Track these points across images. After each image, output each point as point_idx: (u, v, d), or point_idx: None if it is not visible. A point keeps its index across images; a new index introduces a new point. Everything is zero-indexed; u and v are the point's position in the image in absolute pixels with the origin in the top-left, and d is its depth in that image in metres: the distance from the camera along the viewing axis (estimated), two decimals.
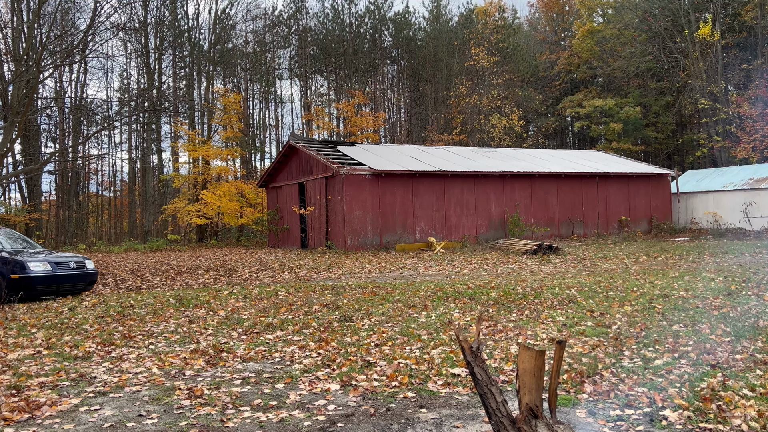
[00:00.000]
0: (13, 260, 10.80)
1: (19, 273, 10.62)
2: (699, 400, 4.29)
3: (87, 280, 11.74)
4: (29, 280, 10.68)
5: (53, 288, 11.10)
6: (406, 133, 47.00)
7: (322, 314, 8.36)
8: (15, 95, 18.41)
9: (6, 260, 10.87)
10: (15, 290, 10.58)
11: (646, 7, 38.87)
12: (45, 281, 10.87)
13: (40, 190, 32.74)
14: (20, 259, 10.78)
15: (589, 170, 25.27)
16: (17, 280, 10.56)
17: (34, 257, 11.08)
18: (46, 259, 11.10)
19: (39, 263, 10.89)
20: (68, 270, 11.32)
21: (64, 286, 11.29)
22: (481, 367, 3.22)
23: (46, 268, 10.92)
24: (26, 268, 10.68)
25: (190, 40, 38.22)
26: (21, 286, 10.55)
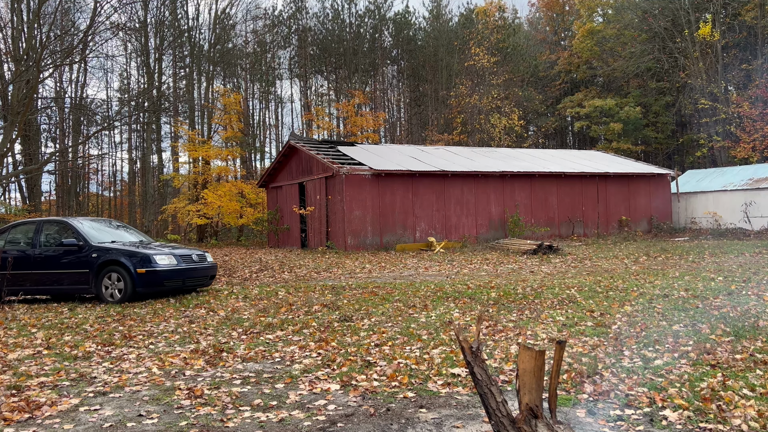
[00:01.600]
0: (140, 253, 10.06)
1: (145, 267, 9.88)
2: (699, 400, 4.29)
3: (209, 274, 11.07)
4: (156, 275, 9.94)
5: (179, 283, 10.38)
6: (406, 133, 47.00)
7: (322, 314, 8.36)
8: (15, 95, 18.41)
9: (132, 253, 10.13)
10: (141, 285, 9.90)
11: (646, 7, 38.86)
12: (171, 275, 10.15)
13: (40, 190, 32.73)
14: (146, 252, 10.09)
15: (589, 170, 25.26)
16: (144, 274, 9.84)
17: (158, 250, 10.41)
18: (171, 252, 10.37)
19: (164, 256, 10.15)
20: (192, 263, 10.59)
21: (189, 280, 10.60)
22: (481, 367, 3.22)
23: (172, 261, 10.17)
24: (153, 262, 9.92)
25: (190, 40, 38.22)
26: (147, 280, 9.88)
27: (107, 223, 12.21)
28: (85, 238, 10.35)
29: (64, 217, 11.28)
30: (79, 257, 10.24)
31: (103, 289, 10.06)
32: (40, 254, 10.60)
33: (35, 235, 10.81)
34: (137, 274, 9.81)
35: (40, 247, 10.70)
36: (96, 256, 10.10)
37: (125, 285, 9.89)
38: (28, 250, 10.73)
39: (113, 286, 10.00)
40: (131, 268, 9.85)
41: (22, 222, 11.54)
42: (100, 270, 10.06)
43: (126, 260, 9.92)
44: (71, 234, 10.54)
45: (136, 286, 9.85)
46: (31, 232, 10.95)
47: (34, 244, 10.76)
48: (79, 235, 10.41)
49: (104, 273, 10.04)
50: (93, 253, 10.14)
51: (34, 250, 10.70)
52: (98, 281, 10.06)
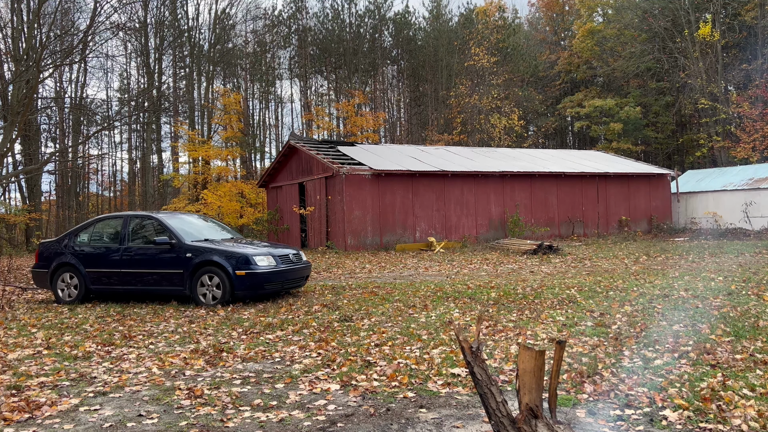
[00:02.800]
0: (238, 253, 9.26)
1: (245, 268, 9.10)
2: (699, 400, 4.28)
3: (305, 275, 10.32)
4: (256, 277, 9.17)
5: (278, 286, 9.61)
6: (406, 133, 46.99)
7: (322, 314, 8.36)
8: (15, 95, 18.41)
9: (229, 253, 9.29)
10: (241, 288, 9.15)
11: (646, 7, 38.86)
12: (271, 278, 9.35)
13: (40, 190, 32.73)
14: (245, 252, 9.31)
15: (589, 170, 25.26)
16: (243, 277, 9.08)
17: (256, 249, 9.63)
18: (270, 252, 9.58)
19: (263, 256, 9.37)
20: (291, 264, 9.82)
21: (288, 282, 9.81)
22: (481, 367, 3.22)
23: (271, 262, 9.39)
24: (252, 263, 9.14)
25: (190, 40, 38.22)
26: (247, 283, 9.14)
27: (190, 216, 11.34)
28: (178, 236, 9.69)
29: (152, 212, 10.57)
30: (173, 256, 9.57)
31: (199, 291, 9.41)
32: (129, 251, 9.94)
33: (122, 231, 10.16)
34: (236, 276, 9.10)
35: (128, 244, 10.02)
36: (191, 256, 9.42)
37: (223, 288, 9.20)
38: (114, 247, 10.09)
39: (210, 288, 9.34)
40: (230, 270, 9.12)
41: (106, 216, 10.97)
42: (195, 271, 9.39)
43: (224, 261, 9.19)
44: (162, 231, 9.88)
45: (235, 289, 9.17)
46: (118, 227, 10.32)
47: (121, 240, 10.09)
48: (172, 233, 9.75)
49: (200, 274, 9.37)
50: (187, 253, 9.47)
51: (120, 246, 10.03)
52: (193, 283, 9.41)
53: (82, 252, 10.31)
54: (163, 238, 9.66)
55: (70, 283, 10.30)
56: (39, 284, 10.81)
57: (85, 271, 10.14)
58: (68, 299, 10.26)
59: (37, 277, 10.78)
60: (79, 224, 10.76)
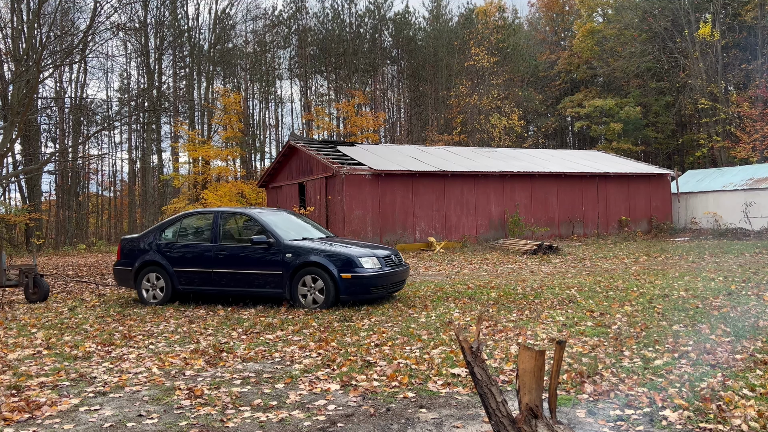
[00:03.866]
0: (342, 255, 8.64)
1: (350, 271, 8.48)
2: (699, 400, 4.28)
3: (405, 278, 9.63)
4: (362, 280, 8.52)
5: (383, 290, 8.91)
6: (406, 133, 47.00)
7: (322, 314, 8.36)
8: (15, 95, 18.41)
9: (333, 254, 8.66)
10: (346, 292, 8.52)
11: (646, 7, 38.87)
12: (377, 281, 8.68)
13: (40, 190, 32.74)
14: (349, 253, 8.68)
15: (589, 170, 25.26)
16: (349, 280, 8.46)
17: (359, 250, 8.98)
18: (374, 253, 8.90)
19: (368, 258, 8.72)
20: (394, 266, 9.11)
21: (392, 286, 9.14)
22: (481, 367, 3.22)
23: (375, 264, 8.73)
24: (358, 265, 8.52)
25: (190, 40, 38.22)
26: (353, 287, 8.50)
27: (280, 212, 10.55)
28: (276, 235, 9.07)
29: (245, 209, 9.89)
30: (271, 256, 8.95)
31: (299, 293, 8.82)
32: (222, 250, 9.29)
33: (213, 228, 9.51)
34: (341, 279, 8.47)
35: (220, 242, 9.39)
36: (291, 257, 8.81)
37: (327, 291, 8.57)
38: (205, 245, 9.46)
39: (312, 290, 8.73)
40: (335, 272, 8.49)
41: (194, 212, 10.27)
42: (295, 272, 8.79)
43: (328, 262, 8.56)
44: (258, 229, 9.29)
45: (339, 293, 8.54)
46: (208, 224, 9.72)
47: (212, 238, 9.47)
48: (269, 231, 9.13)
49: (300, 275, 8.77)
50: (287, 253, 8.85)
51: (212, 245, 9.40)
52: (293, 285, 8.81)
53: (170, 250, 9.65)
54: (260, 236, 9.04)
55: (155, 283, 9.74)
56: (121, 283, 10.34)
57: (173, 270, 9.54)
58: (153, 300, 9.71)
59: (119, 275, 10.25)
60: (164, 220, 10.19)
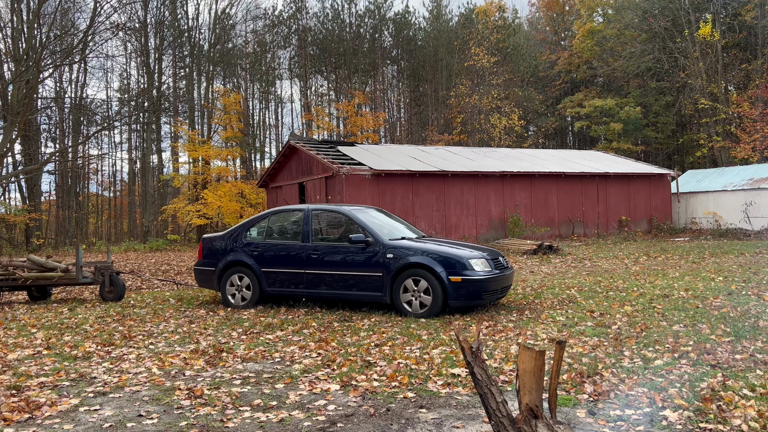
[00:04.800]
0: (450, 256, 7.89)
1: (461, 274, 7.73)
2: (699, 400, 4.28)
3: (512, 282, 8.79)
4: (474, 285, 7.76)
5: (493, 296, 8.17)
6: (406, 133, 47.01)
7: (322, 314, 8.36)
8: (15, 95, 18.41)
9: (440, 256, 7.92)
10: (456, 297, 7.75)
11: (646, 7, 38.87)
12: (489, 285, 7.90)
13: (40, 190, 32.75)
14: (458, 254, 7.93)
15: (589, 170, 25.26)
16: (459, 284, 7.71)
17: (468, 251, 8.19)
18: (483, 255, 8.14)
19: (478, 259, 7.98)
20: (503, 268, 8.35)
21: (502, 292, 8.37)
22: (481, 368, 3.22)
23: (486, 266, 7.98)
24: (469, 268, 7.77)
25: (190, 40, 38.22)
26: (464, 292, 7.74)
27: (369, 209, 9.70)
28: (374, 234, 8.40)
29: (337, 206, 9.33)
30: (370, 257, 8.30)
31: (402, 298, 8.06)
32: (315, 250, 8.66)
33: (304, 226, 8.90)
34: (450, 282, 7.71)
35: (313, 241, 8.78)
36: (392, 258, 8.12)
37: (434, 295, 7.79)
38: (296, 244, 8.86)
39: (416, 295, 7.97)
40: (443, 275, 7.74)
41: (282, 209, 9.61)
42: (398, 274, 8.07)
43: (435, 264, 7.83)
44: (353, 227, 8.65)
45: (448, 298, 7.75)
46: (298, 222, 9.07)
47: (304, 236, 8.84)
48: (367, 230, 8.47)
49: (402, 278, 8.04)
50: (388, 253, 8.17)
51: (304, 244, 8.79)
52: (395, 288, 8.08)
53: (257, 249, 9.05)
54: (358, 235, 8.37)
55: (240, 284, 9.16)
56: (203, 284, 9.76)
57: (261, 270, 8.94)
58: (240, 303, 9.12)
59: (201, 276, 9.69)
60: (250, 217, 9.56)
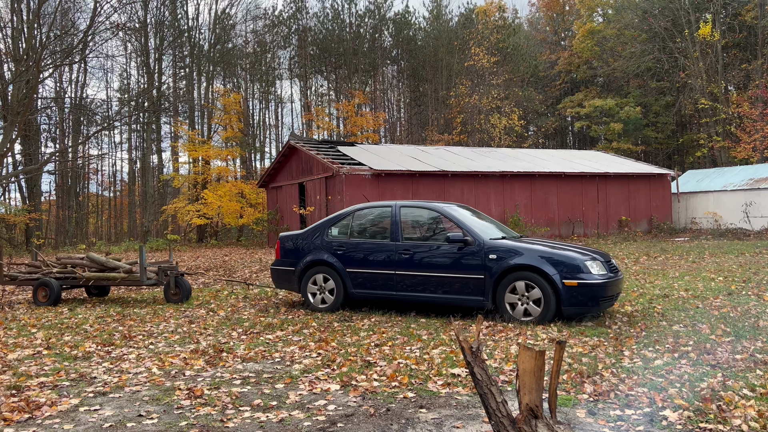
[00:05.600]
0: (564, 257, 7.16)
1: (576, 277, 7.01)
2: (699, 400, 4.28)
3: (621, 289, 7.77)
4: (591, 290, 7.00)
5: (609, 302, 7.34)
6: (406, 133, 47.02)
7: (322, 314, 8.36)
8: (15, 95, 18.42)
9: (552, 256, 7.20)
10: (571, 303, 7.00)
11: (646, 7, 38.88)
12: (607, 290, 7.14)
13: (40, 190, 32.74)
14: (572, 256, 7.19)
15: (589, 170, 25.27)
16: (575, 288, 6.99)
17: (584, 254, 7.37)
18: (595, 257, 7.37)
19: (592, 261, 7.22)
20: (616, 272, 7.53)
21: (615, 297, 7.52)
22: (481, 368, 3.22)
23: (601, 269, 7.21)
24: (585, 271, 7.04)
25: (190, 40, 38.23)
26: (580, 297, 6.99)
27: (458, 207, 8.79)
28: (473, 233, 7.70)
29: (428, 202, 8.59)
30: (469, 258, 7.60)
31: (507, 303, 7.35)
32: (406, 250, 7.98)
33: (393, 224, 8.24)
34: (564, 287, 6.99)
35: (404, 240, 8.11)
36: (495, 258, 7.43)
37: (546, 301, 7.07)
38: (385, 243, 8.19)
39: (524, 300, 7.23)
40: (556, 279, 7.02)
41: (368, 206, 8.89)
42: (501, 277, 7.38)
43: (546, 266, 7.10)
44: (448, 225, 8.00)
45: (562, 304, 7.01)
46: (386, 219, 8.40)
47: (393, 235, 8.17)
48: (465, 228, 7.77)
49: (507, 282, 7.33)
50: (490, 254, 7.47)
51: (394, 243, 8.11)
52: (499, 292, 7.38)
53: (341, 248, 8.47)
54: (456, 234, 7.70)
55: (324, 286, 8.57)
56: (281, 285, 9.23)
57: (346, 271, 8.36)
58: (322, 305, 8.57)
59: (279, 276, 9.14)
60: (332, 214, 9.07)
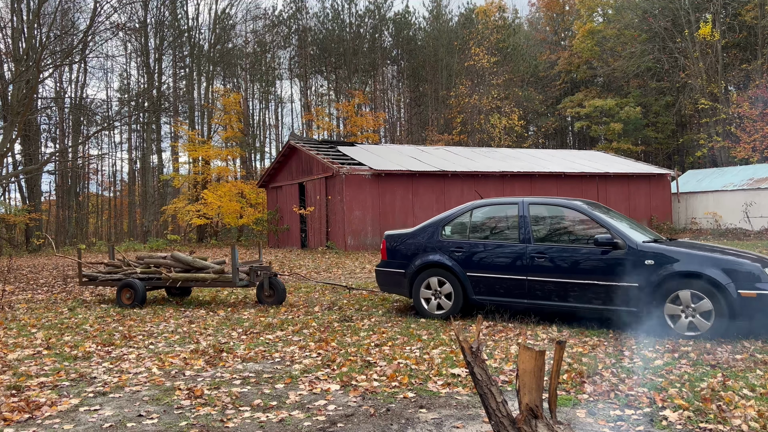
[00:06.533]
0: (739, 265, 6.25)
1: (754, 287, 6.10)
2: (699, 400, 4.29)
3: None
4: None
5: None
6: (406, 133, 47.02)
7: (322, 314, 8.36)
8: (15, 95, 18.41)
9: (727, 265, 6.29)
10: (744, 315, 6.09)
11: (646, 7, 38.87)
12: None
13: (40, 190, 32.73)
14: (749, 263, 6.27)
15: (589, 170, 25.27)
16: (753, 300, 6.07)
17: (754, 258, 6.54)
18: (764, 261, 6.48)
19: None
20: None
21: None
22: (481, 368, 3.22)
23: None
24: (764, 279, 6.14)
25: (190, 40, 38.23)
26: (756, 309, 6.06)
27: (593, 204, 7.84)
28: (622, 234, 6.84)
29: (563, 199, 7.76)
30: (619, 263, 6.72)
31: (668, 315, 6.45)
32: (540, 253, 7.16)
33: (522, 223, 7.41)
34: (740, 298, 6.10)
35: (535, 242, 7.27)
36: (653, 264, 6.53)
37: (717, 313, 6.17)
38: (513, 245, 7.38)
39: (691, 312, 6.34)
40: (730, 288, 6.12)
41: (488, 202, 8.10)
42: (660, 286, 6.47)
43: (717, 274, 6.20)
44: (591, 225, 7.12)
45: (735, 317, 6.11)
46: (512, 218, 7.59)
47: (523, 235, 7.35)
48: (611, 229, 6.91)
49: (666, 290, 6.46)
50: (646, 259, 6.59)
51: (523, 244, 7.30)
52: (657, 303, 6.49)
53: (460, 249, 7.68)
54: (604, 236, 6.83)
55: (439, 290, 7.77)
56: (387, 288, 8.48)
57: (466, 275, 7.56)
58: (437, 312, 7.77)
59: (385, 278, 8.39)
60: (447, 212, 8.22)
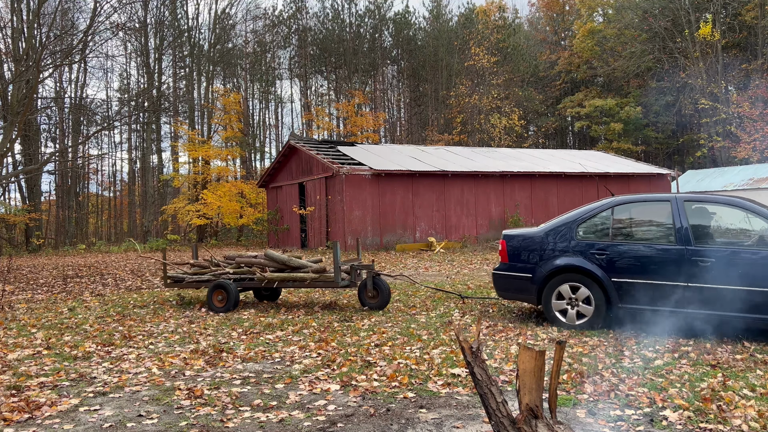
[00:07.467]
0: None
1: None
2: (699, 400, 4.28)
3: None
4: None
5: None
6: (406, 133, 47.03)
7: (322, 314, 8.36)
8: (15, 95, 18.41)
9: None
10: None
11: (647, 6, 38.88)
12: None
13: (40, 190, 32.76)
14: None
15: (590, 170, 25.27)
16: None
17: None
18: None
19: None
20: None
21: None
22: (481, 368, 3.22)
23: None
24: None
25: (190, 40, 38.24)
26: None
27: None
28: None
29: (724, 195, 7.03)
30: None
31: None
32: (702, 257, 6.23)
33: (677, 224, 6.52)
34: None
35: (696, 244, 6.34)
36: None
37: None
38: (667, 247, 6.49)
39: None
40: None
41: (632, 199, 7.21)
42: None
43: None
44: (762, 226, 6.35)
45: None
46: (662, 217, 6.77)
47: (679, 236, 6.43)
48: None
49: None
50: None
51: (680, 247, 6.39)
52: None
53: (603, 252, 6.82)
54: None
55: (575, 297, 6.92)
56: (509, 294, 7.62)
57: (611, 281, 6.69)
58: (577, 322, 6.88)
59: (507, 284, 7.50)
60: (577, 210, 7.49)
